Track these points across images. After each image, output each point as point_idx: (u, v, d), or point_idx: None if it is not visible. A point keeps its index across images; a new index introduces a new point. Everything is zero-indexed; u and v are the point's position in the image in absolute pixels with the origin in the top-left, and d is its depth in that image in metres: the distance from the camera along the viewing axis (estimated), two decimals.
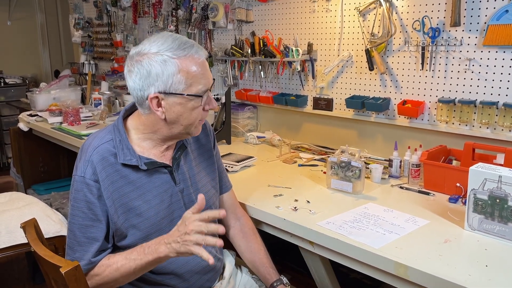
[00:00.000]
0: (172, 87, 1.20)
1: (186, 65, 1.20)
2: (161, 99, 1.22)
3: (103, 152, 1.25)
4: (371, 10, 2.14)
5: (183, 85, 1.21)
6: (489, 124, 1.82)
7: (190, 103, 1.24)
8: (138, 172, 1.27)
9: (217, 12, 2.82)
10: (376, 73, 2.18)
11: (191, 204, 1.34)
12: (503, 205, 1.30)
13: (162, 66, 1.19)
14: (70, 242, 1.27)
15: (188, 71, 1.21)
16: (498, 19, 1.72)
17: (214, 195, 1.46)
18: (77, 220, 1.24)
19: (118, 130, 1.29)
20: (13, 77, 5.07)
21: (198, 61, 1.22)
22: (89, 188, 1.23)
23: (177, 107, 1.23)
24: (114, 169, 1.25)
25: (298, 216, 1.52)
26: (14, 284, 2.78)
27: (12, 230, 2.19)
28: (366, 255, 1.28)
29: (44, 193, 3.47)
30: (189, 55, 1.21)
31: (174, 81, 1.20)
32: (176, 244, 1.14)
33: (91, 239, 1.24)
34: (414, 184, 1.81)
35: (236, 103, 2.87)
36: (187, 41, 1.23)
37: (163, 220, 1.30)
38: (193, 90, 1.23)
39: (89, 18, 4.48)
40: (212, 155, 1.49)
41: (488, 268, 1.17)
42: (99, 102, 3.52)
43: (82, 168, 1.24)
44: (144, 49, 1.21)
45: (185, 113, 1.25)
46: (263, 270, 1.46)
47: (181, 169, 1.36)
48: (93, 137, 1.30)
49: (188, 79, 1.21)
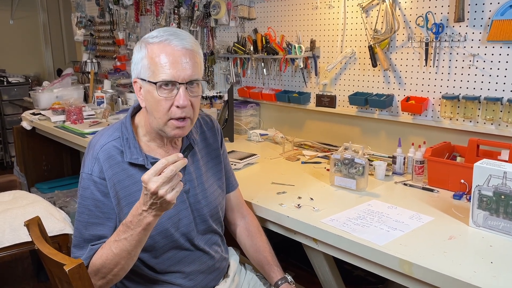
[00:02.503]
0: (141, 73, 1.22)
1: (153, 52, 1.19)
2: (140, 86, 1.24)
3: (109, 150, 1.24)
4: (374, 6, 2.13)
5: (148, 71, 1.20)
6: (493, 120, 1.81)
7: (154, 93, 1.19)
8: (144, 171, 1.26)
9: (219, 10, 2.81)
10: (380, 69, 2.17)
11: (196, 205, 1.35)
12: (508, 201, 1.29)
13: (138, 52, 1.23)
14: (76, 239, 1.26)
15: (152, 57, 1.19)
16: (503, 14, 1.71)
17: (220, 194, 1.45)
18: (83, 218, 1.24)
19: (126, 127, 1.28)
20: (16, 76, 5.08)
21: (171, 49, 1.18)
22: (96, 185, 1.23)
23: (147, 95, 1.22)
24: (121, 167, 1.24)
25: (301, 214, 1.51)
26: (18, 282, 2.79)
27: (16, 229, 2.20)
28: (370, 252, 1.28)
29: (47, 191, 3.48)
30: (161, 42, 1.18)
31: (141, 66, 1.21)
32: (155, 205, 1.09)
33: (97, 237, 1.24)
34: (418, 181, 1.80)
35: (238, 101, 2.87)
36: (173, 31, 1.21)
37: (168, 221, 1.29)
38: (155, 78, 1.18)
39: (91, 17, 4.48)
40: (219, 154, 1.48)
41: (493, 265, 1.16)
42: (101, 101, 3.52)
43: (89, 165, 1.24)
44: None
45: (153, 103, 1.21)
46: (268, 268, 1.45)
47: (188, 170, 1.35)
48: (101, 134, 1.30)
49: (152, 65, 1.19)
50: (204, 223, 1.37)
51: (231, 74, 2.90)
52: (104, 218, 1.24)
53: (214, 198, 1.40)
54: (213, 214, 1.40)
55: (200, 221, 1.36)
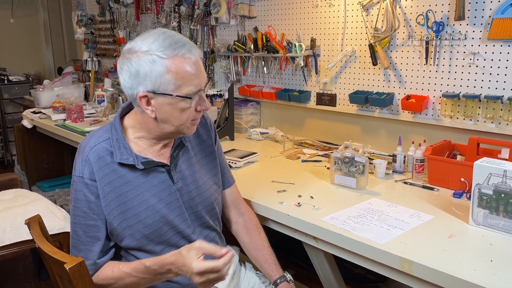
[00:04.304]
0: (161, 87, 1.17)
1: (175, 66, 1.16)
2: (150, 98, 1.19)
3: (99, 151, 1.24)
4: (374, 4, 2.13)
5: (172, 85, 1.17)
6: (493, 118, 1.81)
7: (180, 104, 1.20)
8: (135, 171, 1.26)
9: (219, 8, 2.81)
10: (380, 68, 2.17)
11: (190, 202, 1.35)
12: (508, 199, 1.29)
13: (151, 65, 1.16)
14: (73, 241, 1.28)
15: (177, 72, 1.17)
16: (503, 13, 1.71)
17: (216, 191, 1.45)
18: (78, 220, 1.25)
19: (115, 128, 1.28)
20: (16, 75, 5.09)
21: (189, 61, 1.18)
22: (88, 187, 1.24)
23: (167, 107, 1.20)
24: (111, 168, 1.24)
25: (301, 212, 1.52)
26: (19, 280, 2.79)
27: (17, 227, 2.20)
28: (370, 250, 1.28)
29: (48, 190, 3.49)
30: (180, 54, 1.17)
31: (162, 81, 1.16)
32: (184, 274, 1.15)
33: (94, 238, 1.25)
34: (418, 179, 1.80)
35: (239, 99, 2.87)
36: (179, 39, 1.19)
37: (160, 220, 1.29)
38: (182, 91, 1.19)
39: (91, 15, 4.49)
40: (214, 151, 1.48)
41: (493, 263, 1.16)
42: (102, 99, 3.53)
43: (80, 168, 1.24)
44: (135, 46, 1.18)
45: (175, 113, 1.22)
46: (267, 266, 1.45)
47: (179, 167, 1.35)
48: (90, 136, 1.30)
49: (178, 80, 1.17)
50: (199, 220, 1.38)
51: (231, 73, 2.90)
52: (99, 219, 1.25)
53: (209, 194, 1.40)
54: (209, 210, 1.40)
55: (195, 218, 1.36)
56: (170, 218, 1.30)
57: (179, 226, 1.32)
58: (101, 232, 1.26)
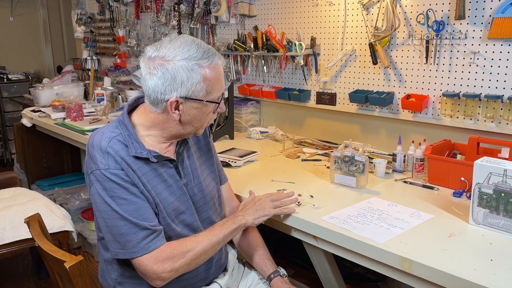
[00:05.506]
0: (193, 93, 1.25)
1: (209, 74, 1.25)
2: (180, 103, 1.25)
3: (115, 145, 1.25)
4: (374, 3, 2.13)
5: (204, 91, 1.26)
6: (493, 118, 1.81)
7: (206, 108, 1.30)
8: (148, 165, 1.28)
9: (219, 7, 2.81)
10: (380, 67, 2.17)
11: (194, 197, 1.39)
12: (508, 199, 1.29)
13: (188, 74, 1.22)
14: (127, 231, 1.21)
15: (210, 79, 1.25)
16: (503, 12, 1.71)
17: (215, 187, 1.50)
18: (125, 208, 1.21)
19: (125, 125, 1.29)
20: (16, 73, 5.08)
21: (220, 69, 1.29)
22: (119, 176, 1.22)
23: (194, 111, 1.28)
24: (128, 161, 1.25)
25: (301, 211, 1.51)
26: (18, 278, 2.79)
27: (17, 226, 2.20)
28: (370, 249, 1.28)
29: (47, 188, 3.48)
30: (212, 64, 1.25)
31: (197, 88, 1.24)
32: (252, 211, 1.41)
33: (145, 219, 1.22)
34: (418, 178, 1.80)
35: (239, 98, 2.87)
36: (209, 49, 1.27)
37: (173, 212, 1.32)
38: (211, 97, 1.28)
39: (91, 14, 4.48)
40: (210, 148, 1.53)
41: (493, 263, 1.16)
42: (102, 98, 3.52)
43: (103, 161, 1.22)
44: (169, 54, 1.22)
45: (199, 116, 1.30)
46: (260, 262, 1.49)
47: (185, 164, 1.39)
48: (102, 132, 1.29)
49: (209, 87, 1.26)
50: (204, 214, 1.42)
51: (231, 72, 2.90)
52: (141, 200, 1.24)
53: (209, 190, 1.45)
54: (210, 206, 1.44)
55: (200, 213, 1.40)
56: (181, 210, 1.34)
57: (187, 219, 1.35)
58: (148, 212, 1.24)
